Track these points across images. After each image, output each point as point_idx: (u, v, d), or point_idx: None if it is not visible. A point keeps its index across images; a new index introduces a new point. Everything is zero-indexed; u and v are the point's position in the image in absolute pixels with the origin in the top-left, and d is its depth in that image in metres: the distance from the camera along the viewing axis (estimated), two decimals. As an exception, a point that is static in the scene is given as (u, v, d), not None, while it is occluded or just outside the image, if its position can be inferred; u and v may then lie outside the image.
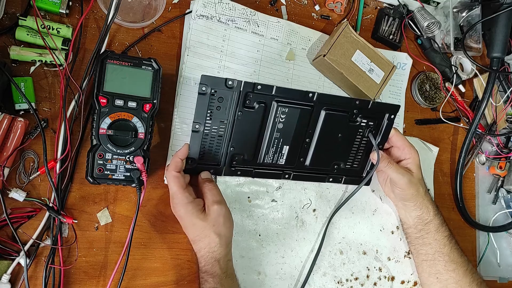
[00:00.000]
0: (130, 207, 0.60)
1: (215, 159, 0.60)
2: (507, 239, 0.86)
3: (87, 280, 0.57)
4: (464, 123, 0.85)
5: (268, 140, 0.61)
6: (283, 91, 0.59)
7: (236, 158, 0.61)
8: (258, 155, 0.62)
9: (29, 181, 0.56)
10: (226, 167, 0.61)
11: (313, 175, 0.67)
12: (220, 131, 0.58)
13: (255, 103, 0.58)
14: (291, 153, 0.63)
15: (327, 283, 0.69)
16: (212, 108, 0.57)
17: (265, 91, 0.58)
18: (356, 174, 0.69)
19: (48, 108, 0.57)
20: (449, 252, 0.65)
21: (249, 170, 0.62)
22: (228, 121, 0.58)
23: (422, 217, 0.65)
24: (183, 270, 0.62)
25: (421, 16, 0.79)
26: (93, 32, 0.61)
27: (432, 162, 0.81)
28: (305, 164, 0.65)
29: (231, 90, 0.56)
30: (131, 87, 0.55)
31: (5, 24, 0.56)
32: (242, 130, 0.59)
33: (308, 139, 0.63)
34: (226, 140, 0.59)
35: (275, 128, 0.60)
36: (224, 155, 0.60)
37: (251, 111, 0.59)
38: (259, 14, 0.70)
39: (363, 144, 0.67)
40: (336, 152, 0.66)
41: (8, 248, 0.54)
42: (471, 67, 0.84)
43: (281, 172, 0.64)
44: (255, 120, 0.59)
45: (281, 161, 0.63)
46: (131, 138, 0.54)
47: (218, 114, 0.57)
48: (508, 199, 0.85)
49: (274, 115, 0.60)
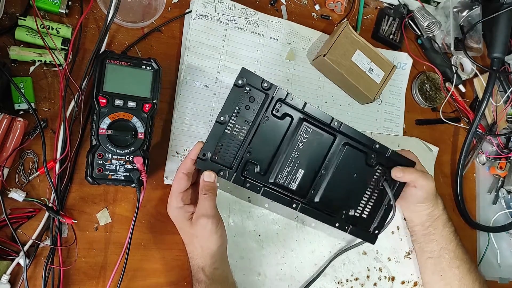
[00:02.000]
0: (130, 208, 0.60)
1: (229, 160, 0.56)
2: (507, 240, 0.86)
3: (87, 280, 0.57)
4: (465, 123, 0.85)
5: (285, 157, 0.58)
6: (313, 110, 0.57)
7: (249, 167, 0.56)
8: (272, 170, 0.58)
9: (29, 181, 0.55)
10: (237, 173, 0.56)
11: (321, 213, 0.61)
12: (242, 131, 0.55)
13: (283, 113, 0.57)
14: (304, 180, 0.59)
15: (327, 283, 0.69)
16: (241, 105, 0.55)
17: (295, 104, 0.56)
18: (363, 226, 0.64)
19: (48, 108, 0.57)
20: (455, 249, 0.65)
21: (259, 186, 0.57)
22: (253, 123, 0.55)
23: (432, 214, 0.65)
24: (183, 271, 0.62)
25: (421, 16, 0.79)
26: (92, 32, 0.60)
27: (432, 162, 0.81)
28: (315, 200, 0.60)
29: (264, 93, 0.55)
30: (130, 87, 0.55)
31: (4, 24, 0.56)
32: (264, 138, 0.57)
33: (323, 171, 0.60)
34: (245, 143, 0.56)
35: (295, 146, 0.58)
36: (239, 159, 0.56)
37: (277, 120, 0.57)
38: (259, 14, 0.70)
39: (376, 192, 0.63)
40: (348, 194, 0.62)
41: (8, 249, 0.53)
42: (471, 67, 0.84)
43: (290, 199, 0.59)
44: (278, 131, 0.57)
45: (292, 185, 0.59)
46: (131, 138, 0.54)
47: (245, 113, 0.55)
48: (508, 200, 0.85)
49: (298, 132, 0.58)
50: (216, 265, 0.56)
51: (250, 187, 0.56)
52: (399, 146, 0.78)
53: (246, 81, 0.54)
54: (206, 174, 0.55)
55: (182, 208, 0.55)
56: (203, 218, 0.53)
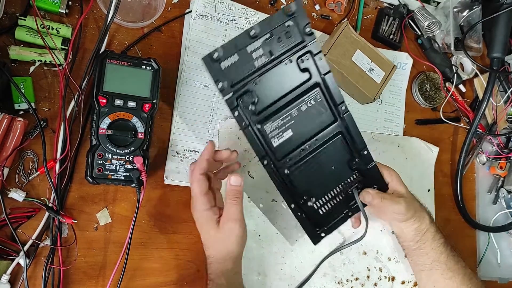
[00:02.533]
0: (130, 207, 0.60)
1: (232, 78, 0.50)
2: (507, 240, 0.86)
3: (87, 280, 0.57)
4: (465, 123, 0.85)
5: (284, 110, 0.54)
6: (331, 82, 0.54)
7: (247, 97, 0.52)
8: (265, 115, 0.53)
9: (29, 181, 0.55)
10: (234, 95, 0.51)
11: (282, 183, 0.57)
12: (261, 60, 0.51)
13: (305, 67, 0.53)
14: (287, 143, 0.56)
15: (327, 283, 0.69)
16: (276, 33, 0.51)
17: (321, 66, 0.53)
18: (315, 221, 0.60)
19: (48, 108, 0.57)
20: (446, 260, 0.64)
21: (245, 122, 0.52)
22: (275, 59, 0.51)
23: (419, 229, 0.64)
24: (183, 270, 0.62)
25: (421, 16, 0.79)
26: (92, 32, 0.60)
27: (433, 162, 0.81)
28: (285, 171, 0.57)
29: (302, 36, 0.51)
30: (130, 87, 0.55)
31: (4, 24, 0.56)
32: (276, 79, 0.53)
33: (308, 146, 0.57)
34: (257, 72, 0.51)
35: (297, 106, 0.54)
36: (243, 84, 0.51)
37: (297, 70, 0.53)
38: (259, 14, 0.70)
39: (342, 195, 0.60)
40: (317, 183, 0.59)
41: (8, 248, 0.53)
42: (472, 67, 0.84)
43: (265, 152, 0.55)
44: (291, 81, 0.53)
45: (275, 141, 0.55)
46: (131, 138, 0.54)
47: (274, 44, 0.51)
48: (508, 199, 0.85)
49: (308, 94, 0.54)
50: (237, 269, 0.56)
51: (237, 117, 0.52)
52: (399, 146, 0.78)
53: (295, 13, 0.50)
54: (233, 178, 0.54)
55: (209, 210, 0.54)
56: (231, 223, 0.53)
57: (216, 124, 0.66)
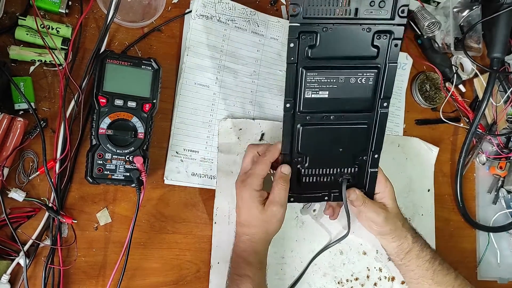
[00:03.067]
0: (130, 207, 0.60)
1: (309, 16, 0.49)
2: (507, 240, 0.86)
3: (87, 280, 0.57)
4: (465, 123, 0.85)
5: (334, 67, 0.52)
6: (391, 72, 0.53)
7: (309, 37, 0.50)
8: (315, 64, 0.52)
9: (29, 181, 0.55)
10: (299, 28, 0.49)
11: (287, 135, 0.56)
12: (344, 8, 0.49)
13: (385, 31, 0.50)
14: (317, 101, 0.54)
15: (327, 283, 0.69)
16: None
17: (393, 50, 0.52)
18: (296, 185, 0.59)
19: (48, 108, 0.57)
20: (433, 275, 0.63)
21: (294, 58, 0.51)
22: (358, 14, 0.49)
23: (402, 247, 0.63)
24: (183, 270, 0.62)
25: (421, 16, 0.79)
26: (92, 32, 0.60)
27: (432, 162, 0.81)
28: (298, 125, 0.55)
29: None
30: (130, 87, 0.55)
31: (4, 24, 0.56)
32: (347, 35, 0.50)
33: (332, 116, 0.55)
34: (333, 19, 0.49)
35: (349, 75, 0.53)
36: (312, 25, 0.49)
37: (374, 37, 0.51)
38: (259, 13, 0.70)
39: (331, 178, 0.60)
40: (318, 153, 0.58)
41: (8, 248, 0.54)
42: (471, 67, 0.84)
43: (293, 98, 0.53)
44: (359, 45, 0.51)
45: (308, 93, 0.53)
46: (131, 138, 0.54)
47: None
48: (508, 199, 0.85)
49: (366, 70, 0.53)
50: (266, 252, 0.59)
51: (290, 48, 0.50)
52: (399, 146, 0.78)
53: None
54: (284, 167, 0.57)
55: (259, 191, 0.57)
56: (276, 205, 0.56)
57: (216, 124, 0.66)
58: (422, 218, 0.77)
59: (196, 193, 0.64)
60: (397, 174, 0.76)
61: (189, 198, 0.63)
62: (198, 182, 0.64)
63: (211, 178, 0.64)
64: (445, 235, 0.80)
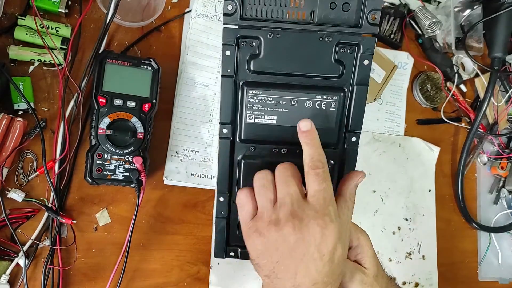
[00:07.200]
0: (129, 208, 0.59)
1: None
2: (508, 240, 0.85)
3: (86, 281, 0.57)
4: (466, 123, 0.85)
5: (285, 85, 0.41)
6: (360, 97, 0.42)
7: (248, 42, 0.40)
8: (261, 75, 0.41)
9: (28, 182, 0.55)
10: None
11: (223, 170, 0.44)
12: None
13: (345, 55, 0.41)
14: (261, 130, 0.42)
15: (327, 284, 0.69)
16: None
17: (361, 68, 0.41)
18: (229, 233, 0.47)
19: (47, 108, 0.57)
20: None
21: (230, 73, 0.41)
22: (300, 21, 0.40)
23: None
24: (183, 271, 0.62)
25: (422, 15, 0.79)
26: (92, 32, 0.60)
27: (433, 162, 0.80)
28: (239, 157, 0.44)
29: None
30: (130, 87, 0.55)
31: (4, 24, 0.56)
32: (294, 47, 0.40)
33: (284, 151, 0.43)
34: (278, 26, 0.40)
35: (305, 97, 0.41)
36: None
37: (331, 52, 0.41)
38: (259, 13, 0.69)
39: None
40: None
41: (7, 249, 0.53)
42: (473, 66, 0.84)
43: (231, 121, 0.43)
44: (317, 59, 0.41)
45: (250, 117, 0.42)
46: (130, 138, 0.54)
47: None
48: (509, 200, 0.84)
49: (326, 92, 0.41)
50: None
51: (226, 57, 0.40)
52: (400, 146, 0.77)
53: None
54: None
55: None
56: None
57: (216, 124, 0.65)
58: (423, 219, 0.77)
59: (196, 194, 0.64)
60: (398, 174, 0.76)
61: (189, 198, 0.63)
62: (198, 183, 0.64)
63: (211, 179, 0.64)
64: (446, 236, 0.79)
